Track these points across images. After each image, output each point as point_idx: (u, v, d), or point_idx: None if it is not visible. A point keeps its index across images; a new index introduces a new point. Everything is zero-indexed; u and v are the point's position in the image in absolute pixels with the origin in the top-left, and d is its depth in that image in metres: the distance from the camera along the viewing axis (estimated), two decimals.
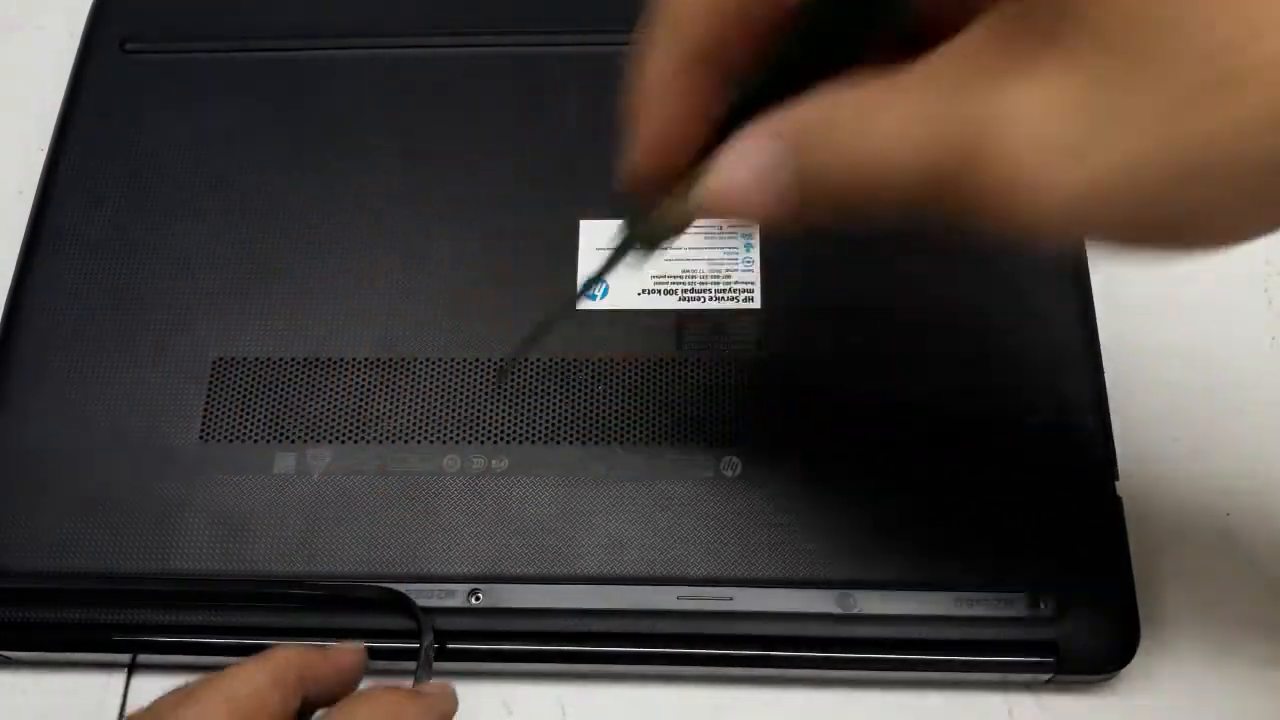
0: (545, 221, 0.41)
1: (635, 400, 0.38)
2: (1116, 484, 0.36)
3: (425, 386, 0.38)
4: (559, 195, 0.41)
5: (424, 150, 0.42)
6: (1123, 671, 0.35)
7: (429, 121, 0.43)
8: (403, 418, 0.38)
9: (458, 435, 0.38)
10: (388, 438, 0.38)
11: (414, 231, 0.41)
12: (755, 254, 0.40)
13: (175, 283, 0.40)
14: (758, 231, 0.40)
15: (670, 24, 0.25)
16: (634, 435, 0.37)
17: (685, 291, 0.39)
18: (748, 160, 0.24)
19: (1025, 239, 0.21)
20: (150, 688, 0.38)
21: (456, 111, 0.43)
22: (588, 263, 0.40)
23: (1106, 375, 0.38)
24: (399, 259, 0.40)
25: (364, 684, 0.33)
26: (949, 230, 0.22)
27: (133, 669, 0.38)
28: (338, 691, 0.31)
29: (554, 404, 0.38)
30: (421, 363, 0.39)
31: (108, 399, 0.39)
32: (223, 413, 0.38)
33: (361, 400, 0.38)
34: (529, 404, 0.38)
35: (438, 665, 0.37)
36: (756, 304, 0.39)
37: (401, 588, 0.35)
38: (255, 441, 0.38)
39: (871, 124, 0.22)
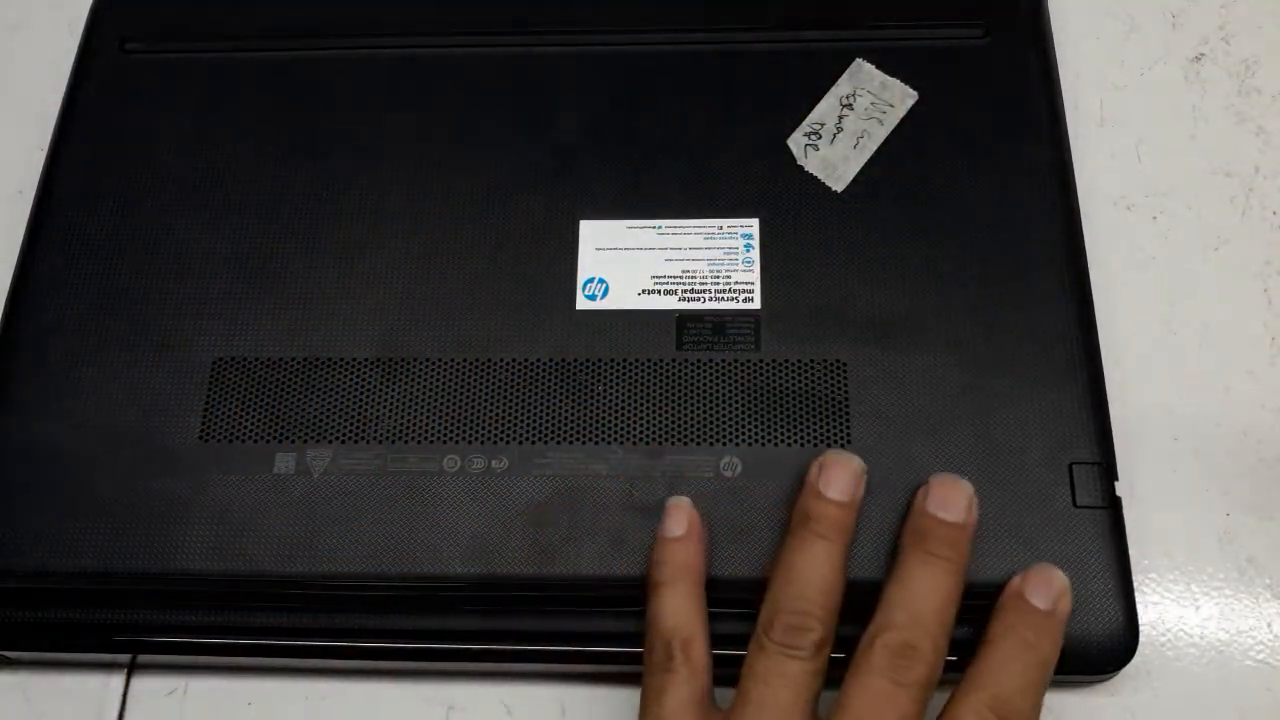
0: (545, 221, 0.41)
1: (635, 400, 0.38)
2: (1116, 484, 0.36)
3: (425, 386, 0.38)
4: (559, 195, 0.41)
5: (424, 150, 0.42)
6: (1123, 671, 0.35)
7: (429, 121, 0.43)
8: (403, 418, 0.38)
9: (458, 435, 0.38)
10: (388, 438, 0.38)
11: (414, 231, 0.41)
12: (755, 254, 0.40)
13: (175, 283, 0.40)
14: (758, 231, 0.40)
15: None
16: (634, 435, 0.37)
17: (685, 291, 0.39)
18: None
19: None
20: (150, 688, 0.38)
21: (456, 111, 0.43)
22: (588, 262, 0.40)
23: (1106, 375, 0.38)
24: (399, 259, 0.40)
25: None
26: None
27: (133, 669, 0.38)
28: None
29: (554, 404, 0.38)
30: (421, 363, 0.39)
31: (108, 399, 0.39)
32: (223, 413, 0.38)
33: (361, 400, 0.38)
34: (529, 404, 0.38)
35: (435, 665, 0.37)
36: (756, 304, 0.39)
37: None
38: (255, 441, 0.38)
39: None
